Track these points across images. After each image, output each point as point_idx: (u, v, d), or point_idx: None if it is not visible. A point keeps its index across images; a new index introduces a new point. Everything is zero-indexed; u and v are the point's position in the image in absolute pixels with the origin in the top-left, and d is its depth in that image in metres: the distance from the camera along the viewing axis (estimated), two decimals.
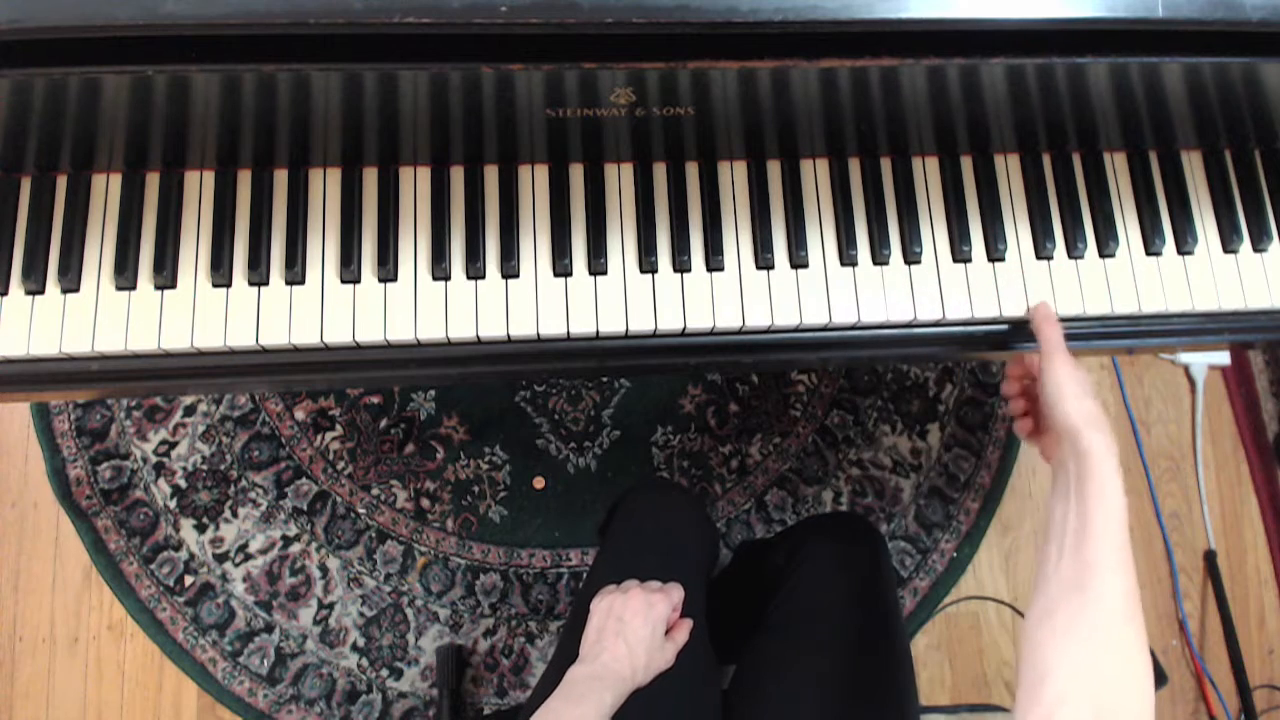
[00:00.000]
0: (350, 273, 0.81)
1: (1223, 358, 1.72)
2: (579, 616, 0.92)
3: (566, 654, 0.90)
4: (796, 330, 0.86)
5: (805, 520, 1.11)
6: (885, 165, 0.88)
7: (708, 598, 1.03)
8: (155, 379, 0.83)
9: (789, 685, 0.91)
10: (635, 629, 0.85)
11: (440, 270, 0.82)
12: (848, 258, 0.86)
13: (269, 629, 1.50)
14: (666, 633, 0.90)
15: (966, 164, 0.89)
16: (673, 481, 1.59)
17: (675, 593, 0.91)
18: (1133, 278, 0.88)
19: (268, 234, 0.82)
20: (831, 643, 0.93)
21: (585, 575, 1.07)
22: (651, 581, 0.93)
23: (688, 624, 0.92)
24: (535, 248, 0.84)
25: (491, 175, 0.85)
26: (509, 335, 0.82)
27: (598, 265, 0.83)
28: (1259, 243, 0.90)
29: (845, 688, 0.90)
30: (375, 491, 1.56)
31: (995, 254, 0.87)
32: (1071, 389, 0.77)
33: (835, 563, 1.00)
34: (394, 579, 1.53)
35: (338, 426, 1.58)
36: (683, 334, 0.84)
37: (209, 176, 0.83)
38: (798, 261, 0.85)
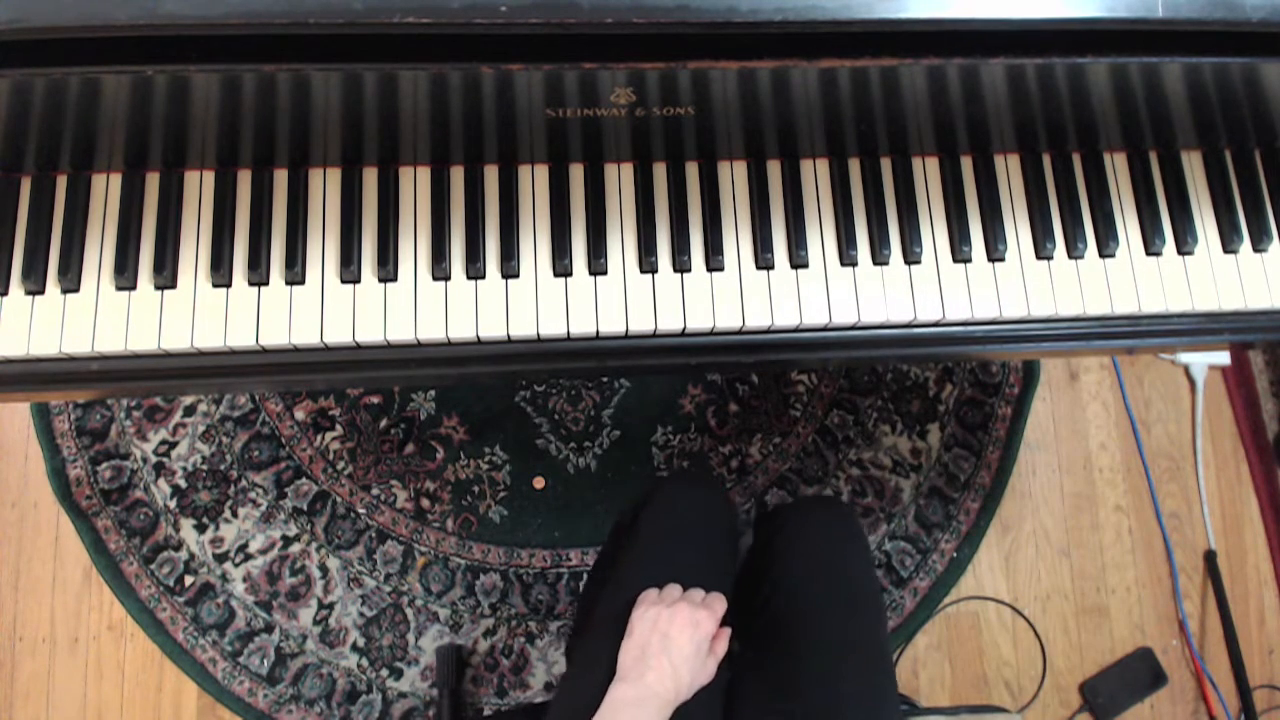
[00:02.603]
0: (350, 273, 0.81)
1: (1223, 358, 1.72)
2: (611, 619, 0.89)
3: (598, 655, 0.87)
4: (796, 330, 0.86)
5: (772, 511, 1.09)
6: (885, 165, 0.88)
7: None
8: (155, 379, 0.83)
9: (779, 694, 0.91)
10: (681, 647, 0.82)
11: (440, 270, 0.82)
12: (848, 258, 0.86)
13: (269, 629, 1.50)
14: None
15: (966, 164, 0.89)
16: (706, 473, 1.57)
17: (719, 605, 0.89)
18: (1133, 278, 0.88)
19: (268, 234, 0.82)
20: (812, 645, 0.92)
21: (617, 568, 1.02)
22: (694, 591, 0.90)
23: (727, 633, 0.90)
24: (535, 248, 0.84)
25: (491, 175, 0.85)
26: (509, 335, 0.82)
27: (598, 265, 0.83)
28: (1259, 243, 0.90)
29: (829, 689, 0.89)
30: (375, 491, 1.56)
31: (995, 254, 0.87)
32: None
33: (806, 561, 0.98)
34: (394, 579, 1.53)
35: (338, 426, 1.58)
36: (683, 334, 0.84)
37: (209, 176, 0.83)
38: (798, 261, 0.85)
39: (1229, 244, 0.90)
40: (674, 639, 0.82)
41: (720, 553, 1.01)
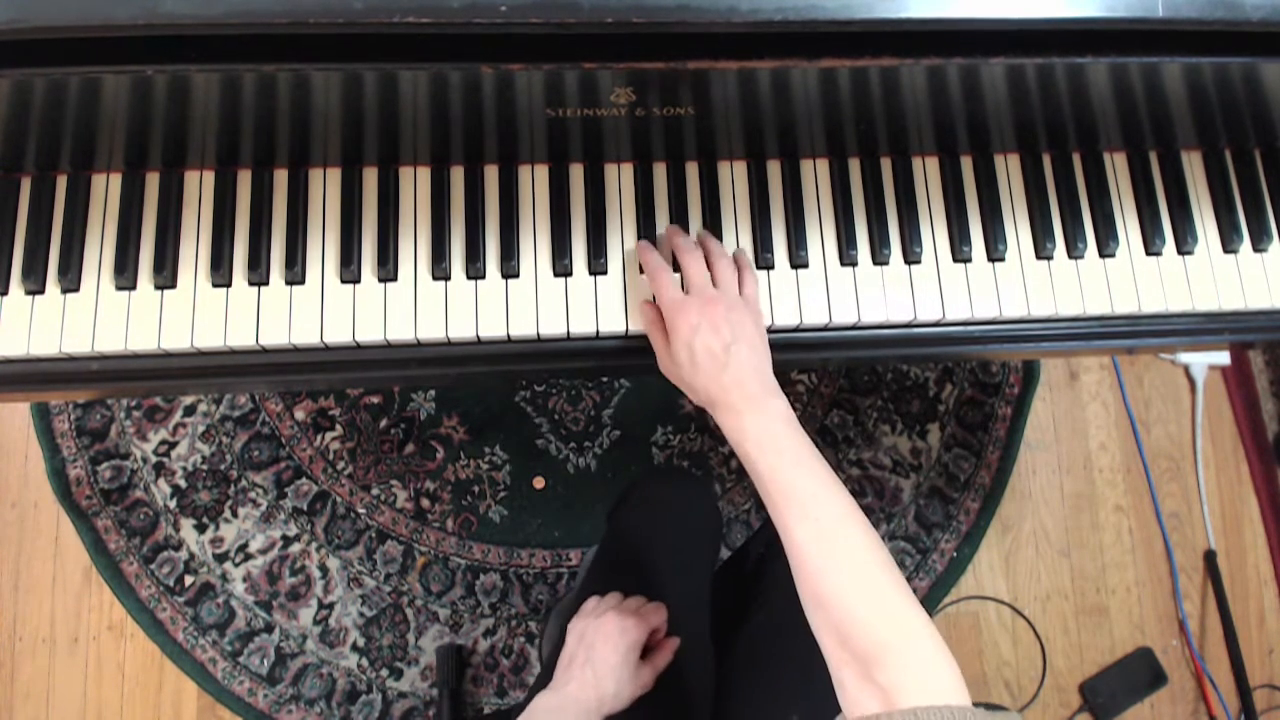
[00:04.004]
0: (350, 273, 0.81)
1: (1223, 358, 1.72)
2: (564, 629, 0.91)
3: (547, 665, 0.90)
4: (796, 330, 0.86)
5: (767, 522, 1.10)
6: (885, 165, 0.88)
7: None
8: (155, 379, 0.83)
9: (777, 681, 0.91)
10: (605, 657, 0.84)
11: (440, 270, 0.82)
12: (848, 258, 0.86)
13: (269, 629, 1.50)
14: (646, 654, 0.89)
15: (966, 164, 0.89)
16: (684, 470, 1.58)
17: (654, 615, 0.90)
18: (1133, 278, 0.88)
19: (268, 234, 0.82)
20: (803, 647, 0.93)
21: (590, 560, 1.05)
22: (632, 600, 0.92)
23: (671, 645, 0.91)
24: (535, 248, 0.84)
25: (491, 175, 0.85)
26: (509, 335, 0.82)
27: (598, 265, 0.83)
28: (1259, 242, 0.90)
29: (826, 678, 0.89)
30: (375, 491, 1.56)
31: (995, 254, 0.87)
32: (681, 354, 0.73)
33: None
34: (394, 579, 1.53)
35: (338, 426, 1.58)
36: None
37: (209, 176, 0.83)
38: (798, 261, 0.85)
39: (1229, 244, 0.90)
40: (598, 649, 0.85)
41: (689, 553, 1.01)
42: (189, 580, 1.51)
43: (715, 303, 0.74)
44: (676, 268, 0.81)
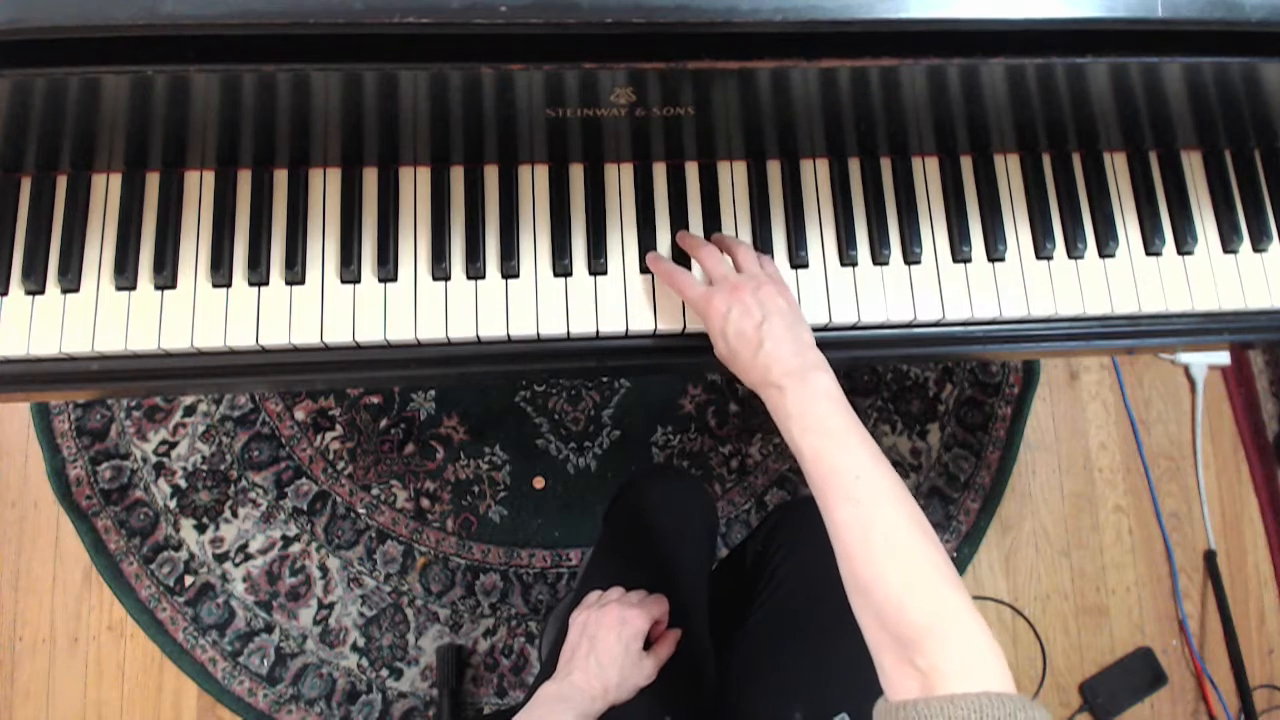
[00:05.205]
0: (350, 273, 0.81)
1: (1223, 358, 1.72)
2: (566, 624, 0.91)
3: (550, 658, 0.90)
4: None
5: (779, 505, 1.11)
6: (885, 165, 0.88)
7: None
8: (155, 379, 0.83)
9: (779, 677, 0.91)
10: (608, 647, 0.85)
11: (440, 270, 0.82)
12: (847, 258, 0.86)
13: (269, 629, 1.50)
14: (649, 645, 0.90)
15: (966, 164, 0.89)
16: (678, 468, 1.58)
17: (656, 606, 0.91)
18: (1133, 278, 0.88)
19: (268, 234, 0.82)
20: (817, 629, 0.93)
21: (587, 561, 1.06)
22: (633, 593, 0.92)
23: (674, 636, 0.92)
24: (535, 248, 0.84)
25: (491, 175, 0.85)
26: (509, 335, 0.82)
27: (598, 265, 0.83)
28: (1259, 243, 0.90)
29: (828, 673, 0.89)
30: (375, 491, 1.56)
31: (995, 254, 0.87)
32: (720, 345, 0.74)
33: (811, 548, 0.99)
34: (394, 579, 1.53)
35: (338, 426, 1.58)
36: (683, 334, 0.84)
37: (209, 176, 0.83)
38: (797, 262, 0.85)
39: (1229, 244, 0.90)
40: (600, 639, 0.85)
41: (687, 546, 1.02)
42: (189, 580, 1.51)
43: (740, 286, 0.74)
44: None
